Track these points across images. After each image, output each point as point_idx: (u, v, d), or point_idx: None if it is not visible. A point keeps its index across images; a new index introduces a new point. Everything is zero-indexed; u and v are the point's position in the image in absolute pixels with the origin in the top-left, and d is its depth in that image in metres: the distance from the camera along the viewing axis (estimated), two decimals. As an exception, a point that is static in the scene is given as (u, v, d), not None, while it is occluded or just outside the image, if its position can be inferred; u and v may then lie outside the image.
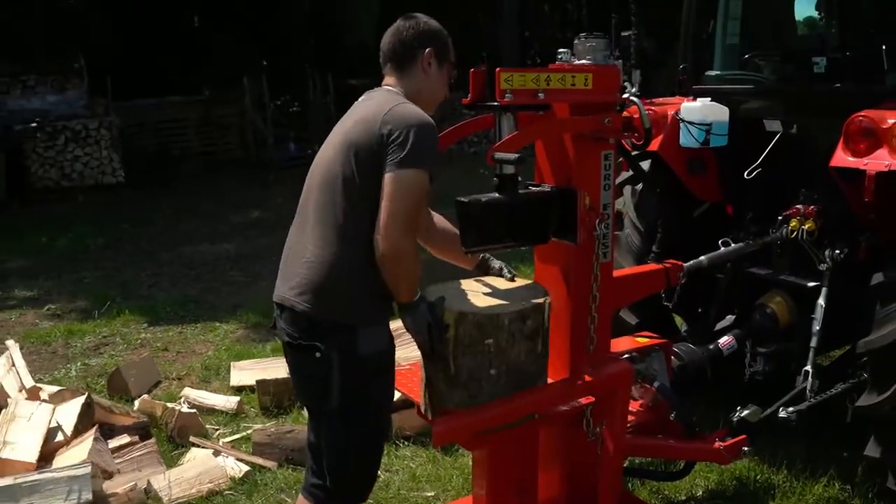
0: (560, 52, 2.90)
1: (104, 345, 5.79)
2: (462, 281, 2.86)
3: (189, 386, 4.88)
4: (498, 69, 2.61)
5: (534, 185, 2.90)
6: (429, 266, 2.77)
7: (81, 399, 3.78)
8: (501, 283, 2.85)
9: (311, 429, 2.65)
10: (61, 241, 9.56)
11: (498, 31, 2.75)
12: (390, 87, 2.63)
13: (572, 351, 2.92)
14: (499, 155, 2.60)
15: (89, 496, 3.17)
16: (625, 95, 2.96)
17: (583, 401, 2.89)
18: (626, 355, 3.17)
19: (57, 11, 13.79)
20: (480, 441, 2.76)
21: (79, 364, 5.37)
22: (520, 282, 2.87)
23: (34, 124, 12.55)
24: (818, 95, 3.64)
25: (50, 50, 13.47)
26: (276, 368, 4.73)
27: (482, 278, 2.91)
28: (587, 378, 2.84)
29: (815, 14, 4.30)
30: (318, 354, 2.42)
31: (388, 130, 2.40)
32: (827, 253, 3.48)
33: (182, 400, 4.44)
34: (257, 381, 4.55)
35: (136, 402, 4.40)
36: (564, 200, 2.80)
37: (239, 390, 4.77)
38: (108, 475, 3.44)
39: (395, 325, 2.59)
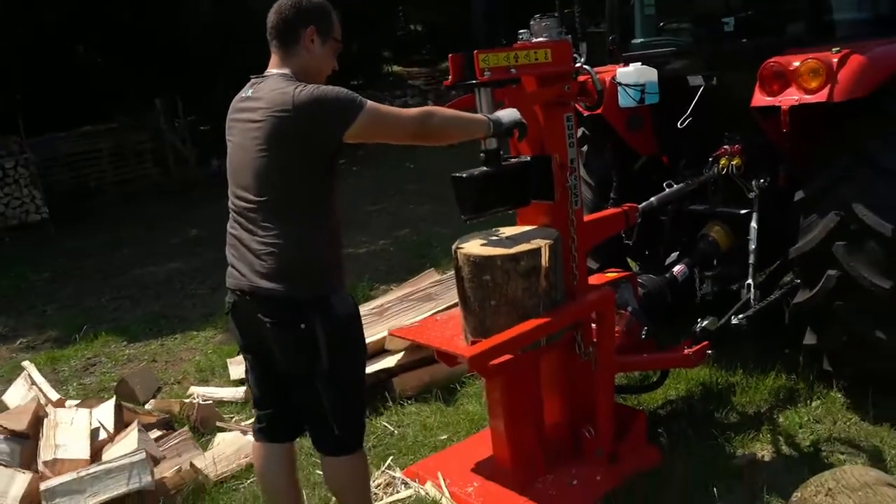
0: (521, 33, 3.40)
1: (92, 365, 6.01)
2: (496, 229, 3.39)
3: (188, 387, 5.18)
4: (476, 51, 3.09)
5: (513, 157, 3.40)
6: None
7: (112, 402, 4.09)
8: (519, 230, 3.36)
9: (300, 396, 2.86)
10: (4, 282, 9.52)
11: (472, 18, 3.17)
12: (278, 71, 2.74)
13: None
14: None
15: (149, 478, 3.50)
16: (577, 65, 3.49)
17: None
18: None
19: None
20: (496, 370, 3.23)
21: (74, 384, 5.58)
22: (537, 230, 3.36)
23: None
24: (730, 51, 4.25)
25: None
26: (272, 357, 5.10)
27: (512, 228, 3.40)
28: (582, 299, 3.37)
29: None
30: (302, 326, 2.67)
31: (310, 117, 2.56)
32: (754, 183, 4.10)
33: (194, 396, 4.75)
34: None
35: (151, 403, 4.69)
36: (541, 167, 3.33)
37: (240, 383, 5.10)
38: (156, 462, 3.75)
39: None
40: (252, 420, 4.46)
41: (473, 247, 3.23)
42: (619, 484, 3.42)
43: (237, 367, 5.24)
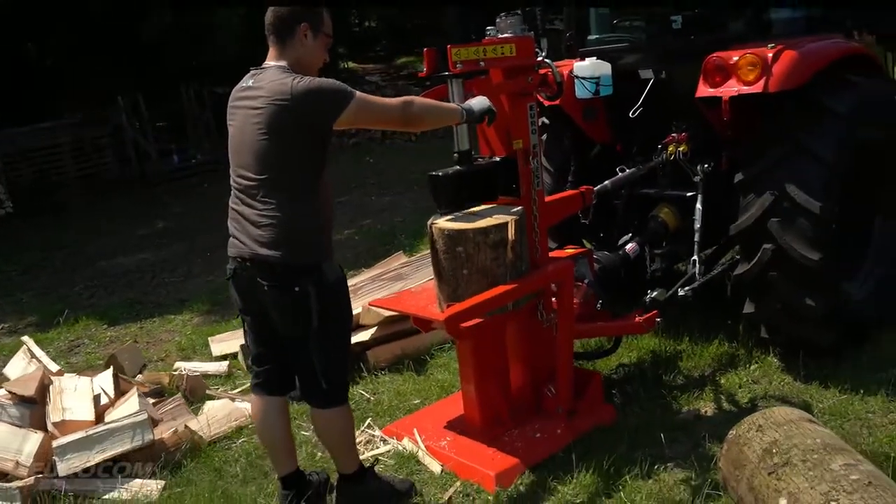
0: (489, 29, 3.76)
1: (76, 346, 6.25)
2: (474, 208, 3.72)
3: (172, 364, 5.46)
4: (449, 46, 3.45)
5: (482, 158, 3.77)
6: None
7: (110, 371, 4.38)
8: (488, 208, 3.70)
9: (294, 354, 3.20)
10: (-25, 274, 9.64)
11: (448, 16, 3.53)
12: (275, 63, 3.07)
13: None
14: None
15: (150, 436, 3.84)
16: (539, 59, 3.86)
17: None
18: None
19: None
20: (467, 331, 3.57)
21: (62, 363, 5.77)
22: (504, 207, 3.70)
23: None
24: (678, 47, 4.65)
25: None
26: (251, 335, 5.40)
27: (486, 206, 3.73)
28: (545, 269, 3.74)
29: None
30: (296, 289, 3.00)
31: (306, 105, 2.89)
32: (699, 168, 4.49)
33: (181, 370, 5.03)
34: (241, 346, 5.18)
35: (140, 377, 4.96)
36: (507, 167, 3.71)
37: (223, 358, 5.39)
38: (154, 424, 4.04)
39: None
40: (243, 387, 4.85)
41: (447, 222, 3.58)
42: (577, 437, 3.79)
43: (219, 345, 5.52)
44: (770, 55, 3.98)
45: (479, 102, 3.43)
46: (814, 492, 2.51)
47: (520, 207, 3.68)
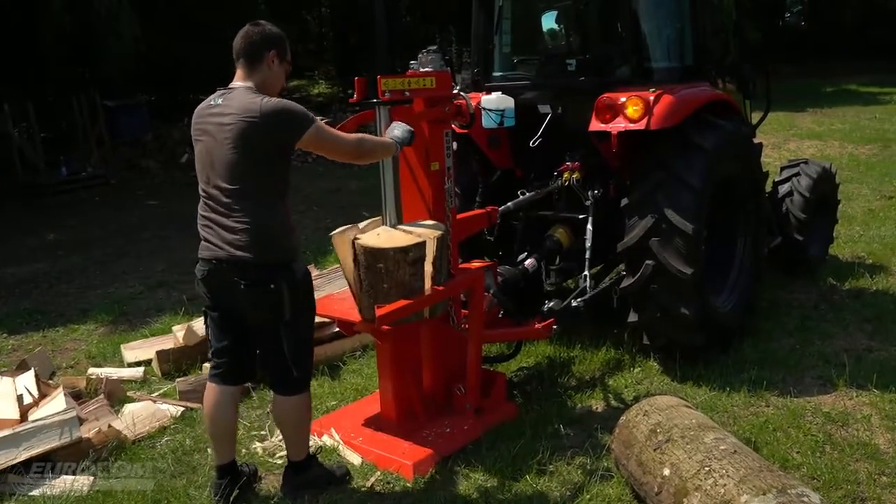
0: (412, 63, 4.19)
1: (-24, 354, 6.17)
2: (401, 225, 4.03)
3: (82, 371, 5.53)
4: (379, 76, 3.85)
5: None
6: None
7: (32, 372, 4.47)
8: (413, 224, 4.03)
9: (266, 346, 3.54)
10: None
11: (376, 46, 3.93)
12: (243, 84, 3.40)
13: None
14: None
15: (79, 433, 3.97)
16: (455, 91, 4.32)
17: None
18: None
19: None
20: (387, 333, 3.94)
21: (-36, 371, 5.76)
22: (428, 224, 4.05)
23: None
24: (572, 86, 5.23)
25: None
26: (165, 343, 5.58)
27: (407, 224, 4.06)
28: (457, 277, 4.16)
29: (557, 27, 5.95)
30: (272, 286, 3.36)
31: (272, 123, 3.24)
32: (590, 193, 5.06)
33: (97, 375, 5.14)
34: (157, 352, 5.35)
35: (55, 380, 5.04)
36: None
37: (136, 365, 5.52)
38: (80, 422, 4.18)
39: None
40: (163, 390, 5.02)
41: (370, 238, 3.87)
42: (485, 431, 4.22)
43: (132, 352, 5.65)
44: (651, 98, 4.60)
45: (400, 128, 3.82)
46: (691, 461, 3.02)
47: (443, 224, 4.08)
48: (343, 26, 27.61)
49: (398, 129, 3.81)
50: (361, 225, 4.00)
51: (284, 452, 3.89)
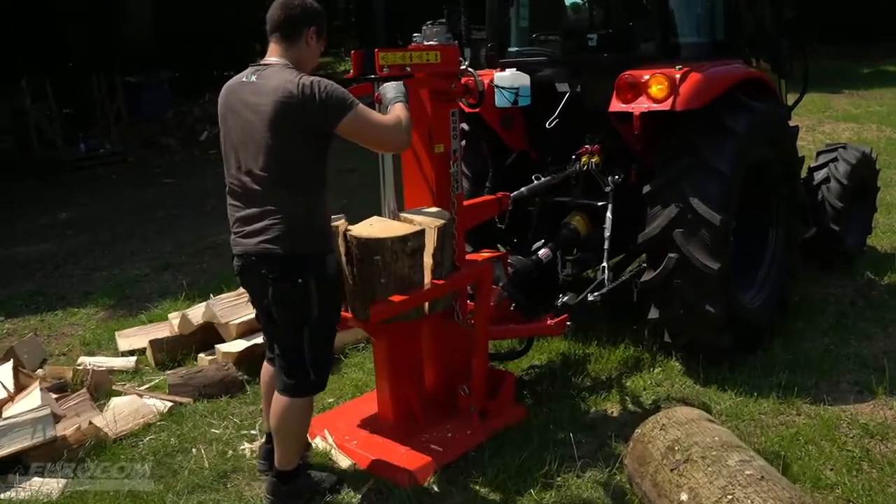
0: (415, 36, 3.84)
1: (-31, 338, 5.98)
2: (401, 213, 3.74)
3: (75, 358, 5.30)
4: (376, 49, 3.50)
5: None
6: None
7: (9, 364, 4.22)
8: (412, 212, 3.73)
9: (285, 344, 3.30)
10: None
11: (374, 19, 3.59)
12: (278, 60, 3.16)
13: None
14: None
15: (53, 432, 3.72)
16: (462, 67, 3.96)
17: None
18: (480, 262, 4.19)
19: None
20: (383, 330, 3.64)
21: (-44, 356, 5.55)
22: (430, 211, 3.73)
23: None
24: (593, 63, 4.84)
25: None
26: (161, 330, 5.33)
27: (408, 211, 3.78)
28: (462, 272, 3.83)
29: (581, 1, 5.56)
30: (299, 281, 3.12)
31: (311, 104, 2.99)
32: (610, 178, 4.69)
33: (86, 364, 4.90)
34: (151, 341, 5.09)
35: (40, 371, 4.81)
36: None
37: (130, 354, 5.27)
38: (57, 420, 3.93)
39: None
40: (152, 383, 4.77)
41: (363, 229, 3.55)
42: (490, 436, 3.89)
43: (126, 340, 5.40)
44: (678, 76, 4.21)
45: (392, 89, 3.43)
46: (712, 486, 2.69)
47: (446, 212, 3.76)
48: (369, 2, 27.12)
49: (391, 90, 3.42)
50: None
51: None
